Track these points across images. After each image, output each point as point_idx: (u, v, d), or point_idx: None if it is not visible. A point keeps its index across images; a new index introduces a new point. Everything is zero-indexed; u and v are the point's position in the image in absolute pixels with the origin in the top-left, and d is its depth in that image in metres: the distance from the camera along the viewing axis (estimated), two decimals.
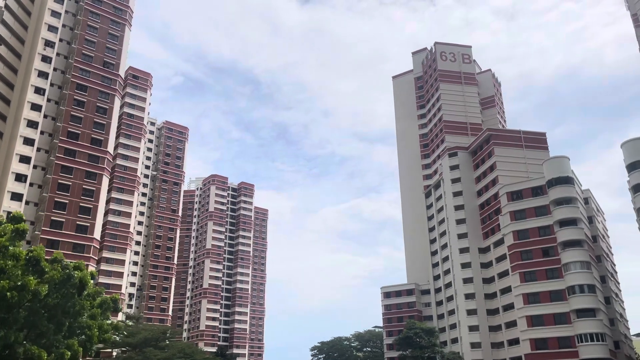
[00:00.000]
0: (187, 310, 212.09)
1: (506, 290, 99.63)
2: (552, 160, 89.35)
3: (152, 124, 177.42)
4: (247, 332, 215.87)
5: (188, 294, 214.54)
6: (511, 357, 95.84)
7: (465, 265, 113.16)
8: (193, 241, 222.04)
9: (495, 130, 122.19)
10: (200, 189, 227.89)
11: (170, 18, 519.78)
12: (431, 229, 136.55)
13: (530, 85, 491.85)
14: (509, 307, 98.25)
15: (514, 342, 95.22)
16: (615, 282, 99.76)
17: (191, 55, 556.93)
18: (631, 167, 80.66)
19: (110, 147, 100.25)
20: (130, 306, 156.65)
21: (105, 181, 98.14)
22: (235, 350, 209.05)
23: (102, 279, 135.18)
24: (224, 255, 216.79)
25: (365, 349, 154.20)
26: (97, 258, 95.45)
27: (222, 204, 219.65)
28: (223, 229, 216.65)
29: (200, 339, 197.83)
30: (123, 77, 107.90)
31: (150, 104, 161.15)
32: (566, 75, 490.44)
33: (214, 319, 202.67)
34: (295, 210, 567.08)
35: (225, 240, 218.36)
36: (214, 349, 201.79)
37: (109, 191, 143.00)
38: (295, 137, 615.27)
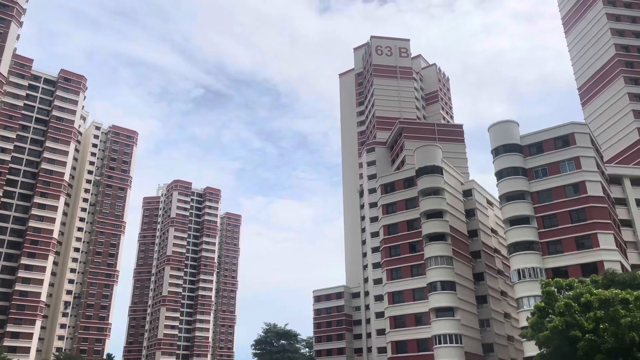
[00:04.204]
0: (148, 318, 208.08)
1: None
2: (422, 149, 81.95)
3: (97, 128, 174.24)
4: (209, 341, 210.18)
5: (150, 302, 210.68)
6: None
7: (375, 266, 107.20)
8: (156, 248, 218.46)
9: (408, 123, 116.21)
10: (164, 194, 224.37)
11: (190, 31, 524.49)
12: (363, 230, 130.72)
13: (551, 88, 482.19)
14: None
15: None
16: (506, 280, 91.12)
17: (212, 67, 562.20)
18: (495, 152, 73.70)
19: None
20: (65, 314, 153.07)
21: None
22: (195, 359, 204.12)
23: (20, 287, 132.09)
24: (187, 262, 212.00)
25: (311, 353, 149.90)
26: None
27: (185, 209, 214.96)
28: (185, 235, 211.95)
29: (158, 347, 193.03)
30: (5, 75, 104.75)
31: (83, 107, 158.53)
32: None
33: (172, 327, 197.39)
34: (316, 219, 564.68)
35: (187, 247, 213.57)
36: (172, 359, 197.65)
37: (31, 196, 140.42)
38: (315, 146, 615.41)
